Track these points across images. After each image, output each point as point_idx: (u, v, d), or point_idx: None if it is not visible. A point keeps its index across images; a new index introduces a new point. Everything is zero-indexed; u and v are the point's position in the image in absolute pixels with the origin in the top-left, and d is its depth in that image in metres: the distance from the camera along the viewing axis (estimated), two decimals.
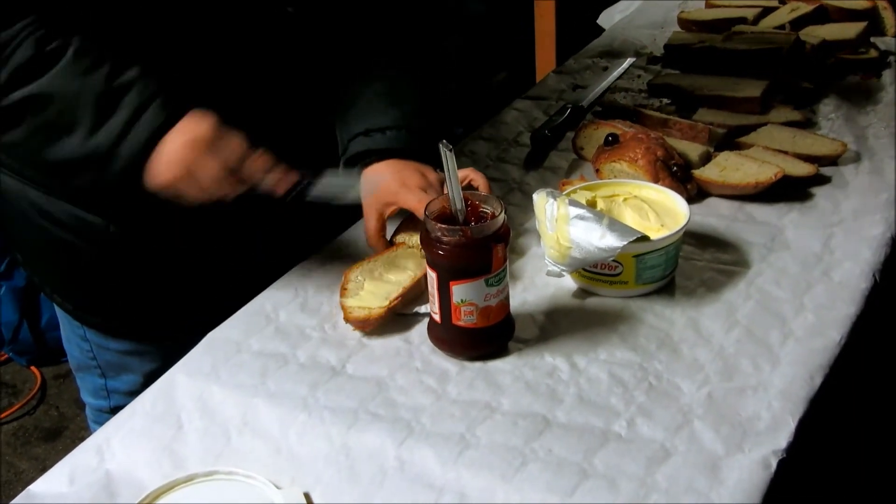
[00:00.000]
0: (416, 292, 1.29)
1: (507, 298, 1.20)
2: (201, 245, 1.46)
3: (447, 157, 1.13)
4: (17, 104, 1.19)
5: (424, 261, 1.20)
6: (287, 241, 1.47)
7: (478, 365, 1.19)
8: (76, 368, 1.64)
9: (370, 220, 1.37)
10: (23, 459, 2.70)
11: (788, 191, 1.51)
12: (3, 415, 2.84)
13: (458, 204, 1.16)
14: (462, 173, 1.36)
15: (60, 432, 2.80)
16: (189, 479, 1.05)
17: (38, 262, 1.55)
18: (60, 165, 1.24)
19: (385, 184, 1.36)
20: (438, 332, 1.21)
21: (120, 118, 1.20)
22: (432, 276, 1.17)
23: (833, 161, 1.60)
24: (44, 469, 1.11)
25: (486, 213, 1.17)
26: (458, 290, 1.16)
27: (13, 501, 1.05)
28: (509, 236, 1.18)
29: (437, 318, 1.20)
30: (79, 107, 1.20)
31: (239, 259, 1.48)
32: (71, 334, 1.59)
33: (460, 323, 1.18)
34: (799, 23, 2.07)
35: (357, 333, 1.25)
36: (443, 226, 1.14)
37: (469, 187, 1.39)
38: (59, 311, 1.59)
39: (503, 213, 1.16)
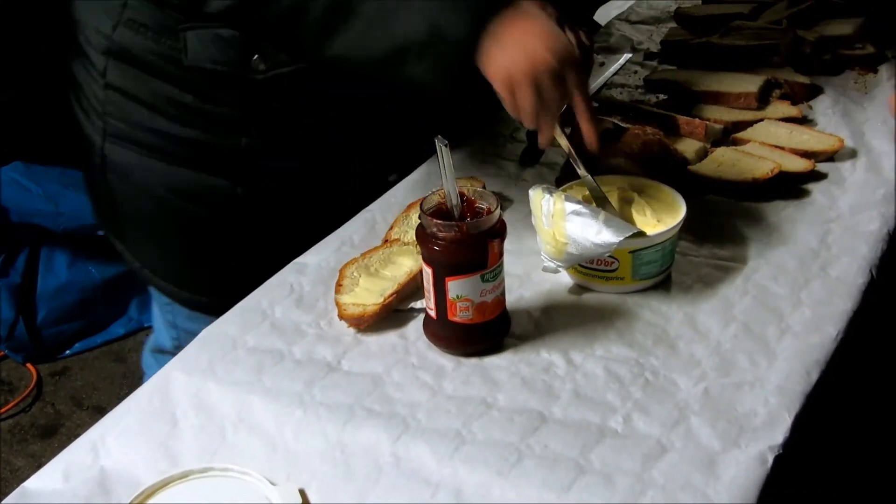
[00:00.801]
0: (411, 289, 1.29)
1: (503, 294, 1.20)
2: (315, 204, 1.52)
3: (443, 152, 1.12)
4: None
5: (420, 257, 1.20)
6: (287, 238, 1.48)
7: (473, 361, 1.19)
8: (156, 360, 1.69)
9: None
10: (19, 457, 2.69)
11: (785, 186, 1.50)
12: None
13: (454, 199, 1.15)
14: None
15: (56, 429, 2.80)
16: (184, 476, 1.04)
17: (147, 243, 1.58)
18: (396, 53, 1.23)
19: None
20: (434, 329, 1.21)
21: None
22: (428, 272, 1.17)
23: (830, 157, 1.60)
24: (40, 466, 1.10)
25: (481, 208, 1.17)
26: (454, 286, 1.16)
27: (7, 498, 1.05)
28: (505, 232, 1.18)
29: (432, 314, 1.19)
30: None
31: (239, 258, 1.51)
32: (162, 322, 1.64)
33: (456, 319, 1.18)
34: (796, 18, 2.07)
35: (352, 330, 1.25)
36: (438, 221, 1.14)
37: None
38: (155, 297, 1.64)
39: (499, 209, 1.16)
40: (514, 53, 1.19)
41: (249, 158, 1.47)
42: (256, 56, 1.39)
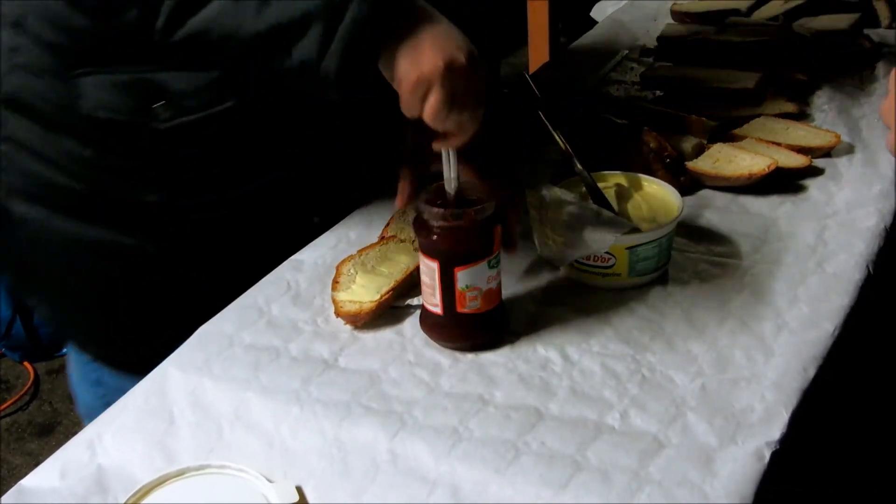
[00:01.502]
0: (408, 285, 1.29)
1: (500, 281, 1.20)
2: (225, 266, 1.40)
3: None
4: None
5: (416, 254, 1.20)
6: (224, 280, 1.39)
7: (470, 357, 1.19)
8: (86, 416, 1.54)
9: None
10: (16, 455, 2.70)
11: (782, 182, 1.50)
12: None
13: (454, 183, 1.15)
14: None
15: (54, 427, 2.80)
16: (180, 474, 1.04)
17: (59, 302, 1.47)
18: (281, 27, 1.06)
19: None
20: (438, 324, 1.20)
21: None
22: (432, 267, 1.16)
23: (826, 153, 1.60)
24: (37, 464, 1.10)
25: (472, 198, 1.16)
26: (463, 276, 1.15)
27: (5, 496, 1.04)
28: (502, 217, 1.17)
29: (436, 310, 1.18)
30: None
31: (170, 313, 1.41)
32: (83, 380, 1.53)
33: (465, 310, 1.17)
34: (792, 14, 2.07)
35: (349, 327, 1.25)
36: (445, 210, 1.13)
37: None
38: (73, 357, 1.54)
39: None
40: (429, 51, 1.07)
41: (164, 213, 1.34)
42: (160, 103, 1.26)
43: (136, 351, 1.32)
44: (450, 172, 1.14)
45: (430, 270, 1.17)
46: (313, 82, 1.09)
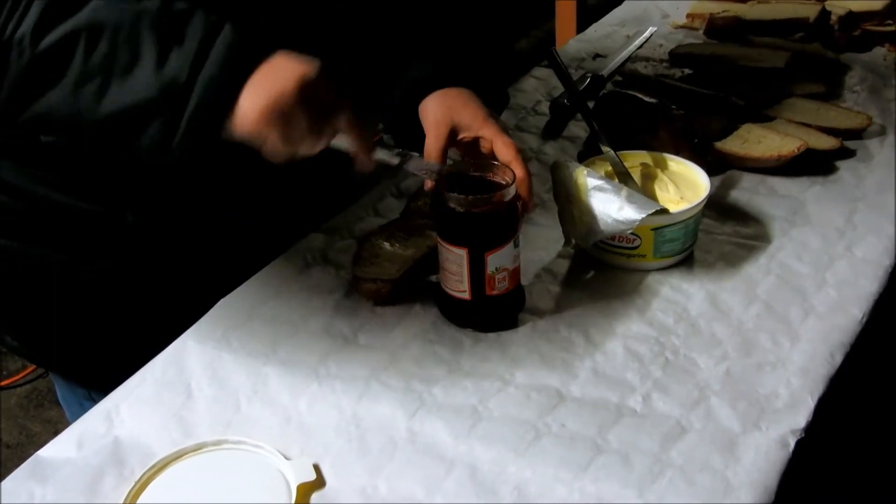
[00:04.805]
0: (430, 262, 1.27)
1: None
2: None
3: None
4: (59, 43, 0.96)
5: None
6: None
7: (492, 337, 1.18)
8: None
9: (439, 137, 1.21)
10: (35, 422, 2.71)
11: (811, 164, 1.48)
12: (16, 377, 2.84)
13: (433, 174, 1.16)
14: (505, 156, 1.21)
15: None
16: (198, 448, 1.04)
17: (30, 331, 1.39)
18: (123, 116, 0.99)
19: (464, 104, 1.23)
20: (466, 309, 1.18)
21: (192, 42, 0.98)
22: (460, 254, 1.14)
23: (857, 134, 1.57)
24: (56, 432, 1.10)
25: (486, 176, 1.16)
26: (493, 260, 1.14)
27: (21, 466, 1.04)
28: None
29: (463, 295, 1.17)
30: (139, 35, 0.97)
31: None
32: (69, 402, 1.47)
33: (494, 292, 1.16)
34: None
35: (370, 303, 1.24)
36: (472, 197, 1.11)
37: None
38: (56, 379, 1.49)
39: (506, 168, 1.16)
40: (262, 91, 1.00)
41: (138, 233, 1.29)
42: None
43: (115, 374, 1.21)
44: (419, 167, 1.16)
45: (456, 258, 1.15)
46: (167, 161, 1.04)
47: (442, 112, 1.22)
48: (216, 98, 0.99)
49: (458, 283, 1.16)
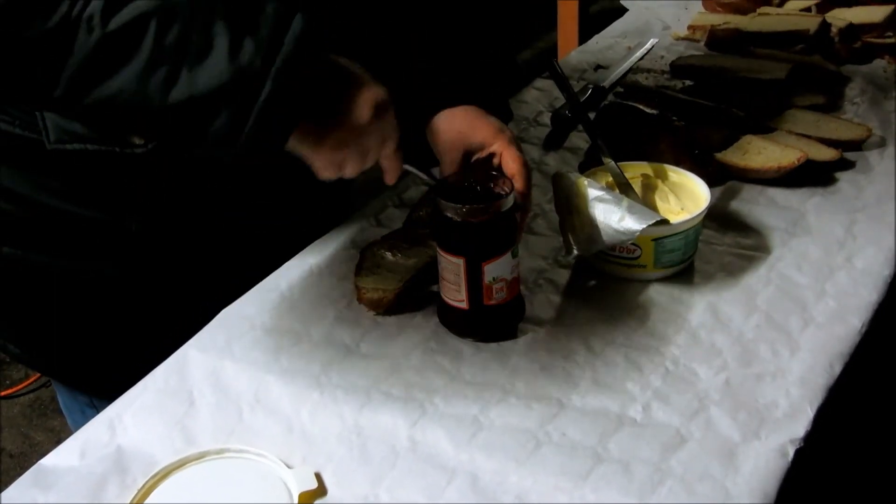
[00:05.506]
0: (432, 272, 1.28)
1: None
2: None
3: None
4: (130, 25, 0.92)
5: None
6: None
7: (493, 346, 1.18)
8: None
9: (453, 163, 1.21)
10: (38, 431, 2.71)
11: (811, 175, 1.48)
12: (19, 386, 2.84)
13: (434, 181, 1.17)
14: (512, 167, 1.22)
15: None
16: (200, 457, 1.04)
17: (32, 338, 1.40)
18: (193, 103, 0.96)
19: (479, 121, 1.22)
20: (464, 319, 1.19)
21: (265, 30, 0.96)
22: (457, 263, 1.15)
23: (857, 146, 1.58)
24: (59, 441, 1.10)
25: (485, 186, 1.16)
26: (490, 269, 1.14)
27: (24, 475, 1.05)
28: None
29: (461, 305, 1.17)
30: (212, 21, 0.94)
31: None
32: (71, 410, 1.47)
33: (492, 302, 1.16)
34: (825, 5, 2.04)
35: (372, 313, 1.24)
36: (469, 206, 1.12)
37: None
38: (58, 386, 1.49)
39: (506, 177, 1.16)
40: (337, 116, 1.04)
41: (144, 240, 1.30)
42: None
43: (118, 380, 1.21)
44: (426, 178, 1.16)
45: (453, 267, 1.15)
46: (232, 154, 1.02)
47: (453, 135, 1.22)
48: (289, 87, 0.97)
49: (455, 292, 1.17)
